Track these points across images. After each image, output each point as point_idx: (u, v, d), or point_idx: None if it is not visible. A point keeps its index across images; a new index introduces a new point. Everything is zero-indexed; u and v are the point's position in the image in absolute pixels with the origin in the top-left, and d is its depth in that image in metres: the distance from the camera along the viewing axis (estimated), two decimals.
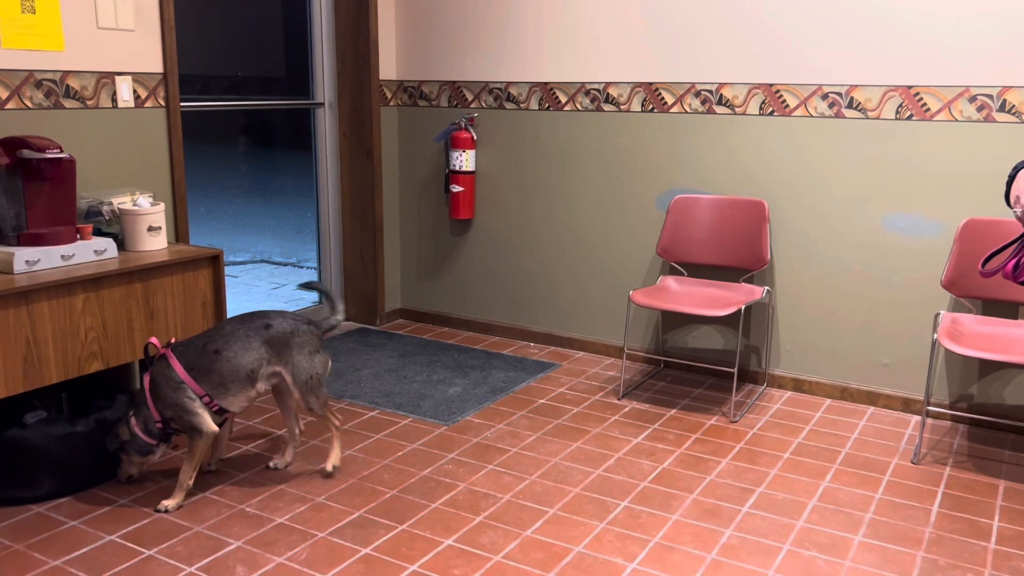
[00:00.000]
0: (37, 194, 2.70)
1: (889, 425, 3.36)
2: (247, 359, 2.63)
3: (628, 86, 3.86)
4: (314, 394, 2.74)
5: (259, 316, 2.71)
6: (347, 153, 4.48)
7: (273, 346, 2.67)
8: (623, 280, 4.04)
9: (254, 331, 2.66)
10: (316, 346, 2.74)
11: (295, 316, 2.76)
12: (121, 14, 3.15)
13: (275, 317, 2.72)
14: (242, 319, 2.70)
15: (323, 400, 2.77)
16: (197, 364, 2.60)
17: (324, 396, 2.77)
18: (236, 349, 2.62)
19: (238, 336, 2.64)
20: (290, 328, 2.70)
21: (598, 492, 2.77)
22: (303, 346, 2.70)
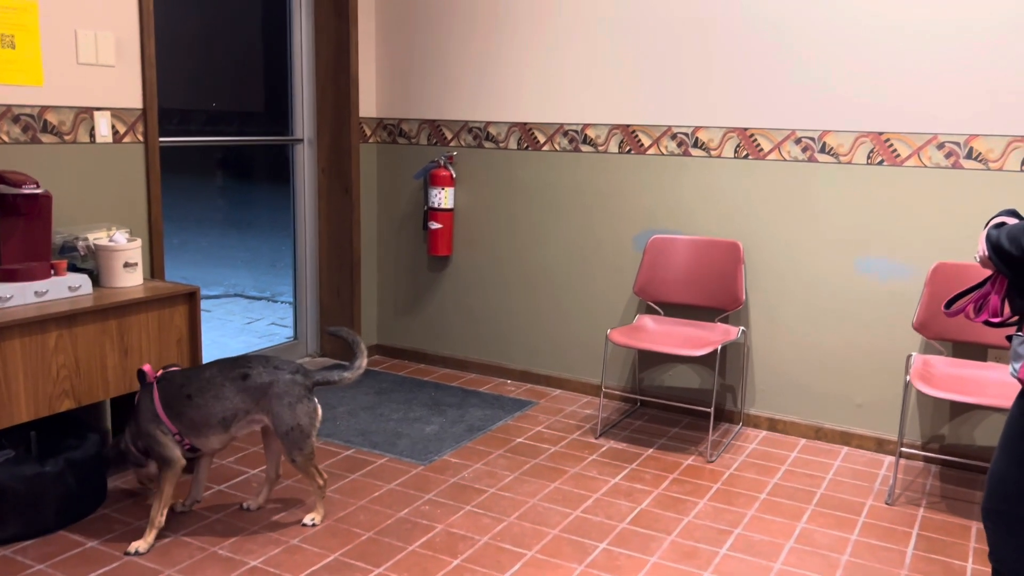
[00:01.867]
0: (11, 229, 2.67)
1: (863, 465, 3.38)
2: (219, 408, 2.60)
3: (606, 128, 3.91)
4: (297, 447, 2.64)
5: (240, 363, 2.65)
6: (326, 189, 4.48)
7: (252, 395, 2.62)
8: (600, 319, 4.06)
9: (230, 380, 2.62)
10: (299, 396, 2.62)
11: (279, 364, 2.66)
12: (102, 50, 3.15)
13: (256, 365, 2.64)
14: (223, 365, 2.65)
15: (307, 454, 2.66)
16: (173, 403, 2.58)
17: (309, 449, 2.66)
18: (208, 397, 2.59)
19: (214, 384, 2.61)
20: (268, 378, 2.62)
21: (576, 534, 2.75)
22: (283, 396, 2.61)
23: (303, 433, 2.63)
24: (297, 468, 2.69)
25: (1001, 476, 1.75)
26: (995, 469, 1.77)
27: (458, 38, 4.21)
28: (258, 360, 2.67)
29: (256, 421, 2.66)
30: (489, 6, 4.11)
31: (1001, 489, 1.75)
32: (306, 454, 2.66)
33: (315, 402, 2.67)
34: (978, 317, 1.82)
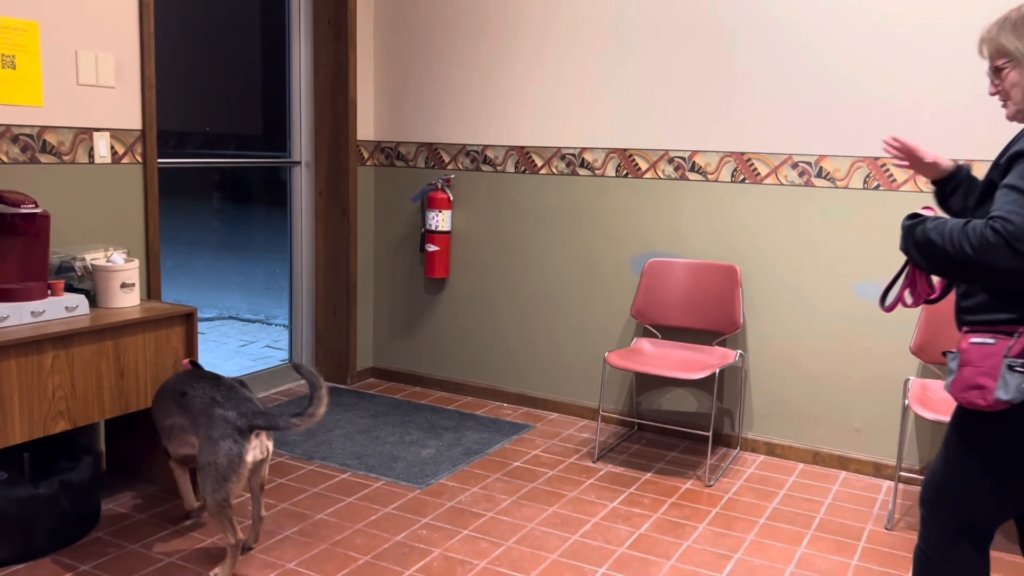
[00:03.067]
0: (9, 249, 2.66)
1: (861, 490, 3.37)
2: (162, 419, 2.67)
3: (603, 151, 3.93)
4: (210, 487, 2.40)
5: (189, 380, 2.60)
6: (323, 211, 4.49)
7: (187, 416, 2.54)
8: (597, 342, 4.06)
9: (171, 396, 2.63)
10: (224, 433, 2.40)
11: (230, 395, 2.49)
12: (102, 71, 3.16)
13: (202, 388, 2.53)
14: (180, 377, 2.67)
15: (219, 499, 2.39)
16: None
17: (222, 495, 2.38)
18: (160, 403, 2.69)
19: (165, 392, 2.68)
20: (200, 406, 2.49)
21: (575, 558, 2.73)
22: (210, 427, 2.43)
23: (219, 474, 2.39)
24: (208, 512, 2.46)
25: (933, 470, 1.89)
26: (932, 465, 1.91)
27: (456, 62, 4.24)
28: (206, 382, 2.56)
29: (190, 443, 2.59)
30: (488, 31, 4.14)
31: (932, 482, 1.88)
32: (218, 500, 2.39)
33: (244, 447, 2.41)
34: (915, 302, 1.87)
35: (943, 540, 1.85)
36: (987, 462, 1.78)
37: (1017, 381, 1.66)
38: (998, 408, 1.69)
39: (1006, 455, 1.75)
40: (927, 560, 1.89)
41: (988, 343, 1.71)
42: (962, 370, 1.73)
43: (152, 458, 3.13)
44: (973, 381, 1.71)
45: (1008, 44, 1.76)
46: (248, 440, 2.44)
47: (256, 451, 2.47)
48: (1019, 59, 1.75)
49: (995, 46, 1.80)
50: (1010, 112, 1.83)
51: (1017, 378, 1.66)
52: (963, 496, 1.82)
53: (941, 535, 1.86)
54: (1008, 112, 1.83)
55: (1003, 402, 1.67)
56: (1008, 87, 1.80)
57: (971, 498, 1.81)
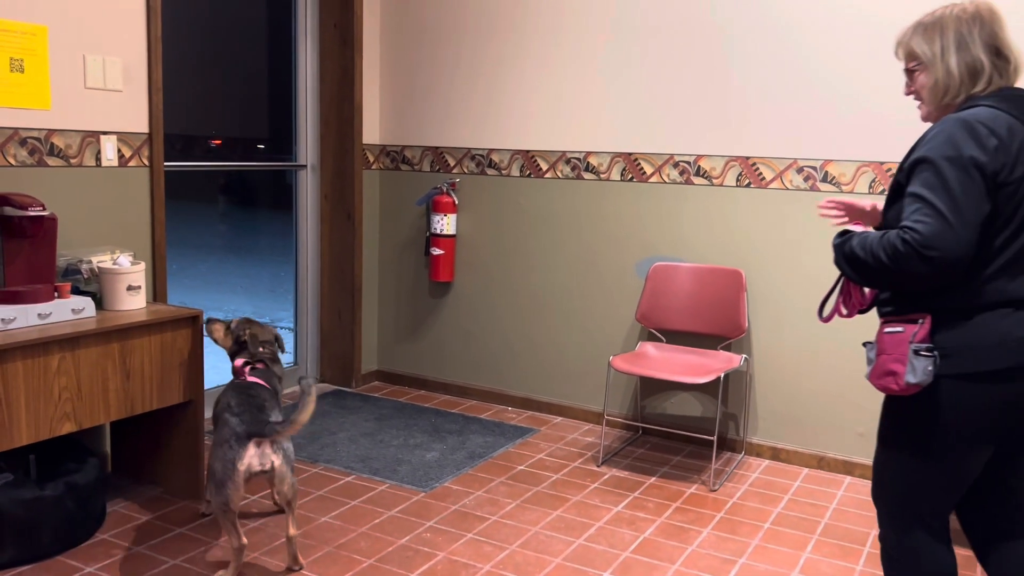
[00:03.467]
0: (16, 251, 2.67)
1: (866, 495, 3.36)
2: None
3: (608, 155, 3.94)
4: (210, 489, 2.43)
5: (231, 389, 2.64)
6: (328, 215, 4.50)
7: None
8: (601, 346, 4.06)
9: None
10: (223, 438, 2.42)
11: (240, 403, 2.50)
12: (109, 75, 3.17)
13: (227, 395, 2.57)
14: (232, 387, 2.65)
15: (217, 504, 2.39)
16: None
17: (220, 500, 2.38)
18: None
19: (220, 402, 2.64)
20: (217, 411, 2.58)
21: (579, 562, 2.73)
22: (216, 433, 2.48)
23: (214, 479, 2.39)
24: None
25: (874, 464, 1.96)
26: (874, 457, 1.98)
27: (462, 66, 4.25)
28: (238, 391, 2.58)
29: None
30: (493, 36, 4.15)
31: (875, 475, 1.95)
32: (217, 504, 2.40)
33: (238, 453, 2.38)
34: (850, 313, 1.98)
35: (898, 532, 1.90)
36: (914, 445, 1.84)
37: (924, 364, 1.75)
38: (911, 392, 1.77)
39: (928, 436, 1.81)
40: (887, 555, 1.94)
41: (898, 331, 1.80)
42: (878, 358, 1.83)
43: (157, 460, 3.14)
44: (887, 368, 1.80)
45: (917, 48, 1.86)
46: (244, 447, 2.39)
47: (254, 459, 2.40)
48: (927, 63, 1.84)
49: (907, 50, 1.89)
50: (923, 113, 1.91)
51: (923, 362, 1.75)
52: (904, 484, 1.87)
53: (894, 527, 1.91)
54: (921, 113, 1.92)
55: (913, 385, 1.76)
56: (919, 88, 1.89)
57: (911, 485, 1.86)
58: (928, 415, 1.80)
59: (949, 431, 1.79)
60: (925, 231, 1.68)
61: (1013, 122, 1.74)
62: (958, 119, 1.75)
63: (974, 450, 1.81)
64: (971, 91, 1.81)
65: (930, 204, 1.69)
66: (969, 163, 1.69)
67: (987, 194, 1.70)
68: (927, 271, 1.69)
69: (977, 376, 1.75)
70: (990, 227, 1.74)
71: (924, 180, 1.72)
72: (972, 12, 1.82)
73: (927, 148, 1.75)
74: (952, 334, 1.77)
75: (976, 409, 1.77)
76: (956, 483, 1.85)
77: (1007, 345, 1.74)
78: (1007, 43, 1.81)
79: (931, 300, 1.78)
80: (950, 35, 1.82)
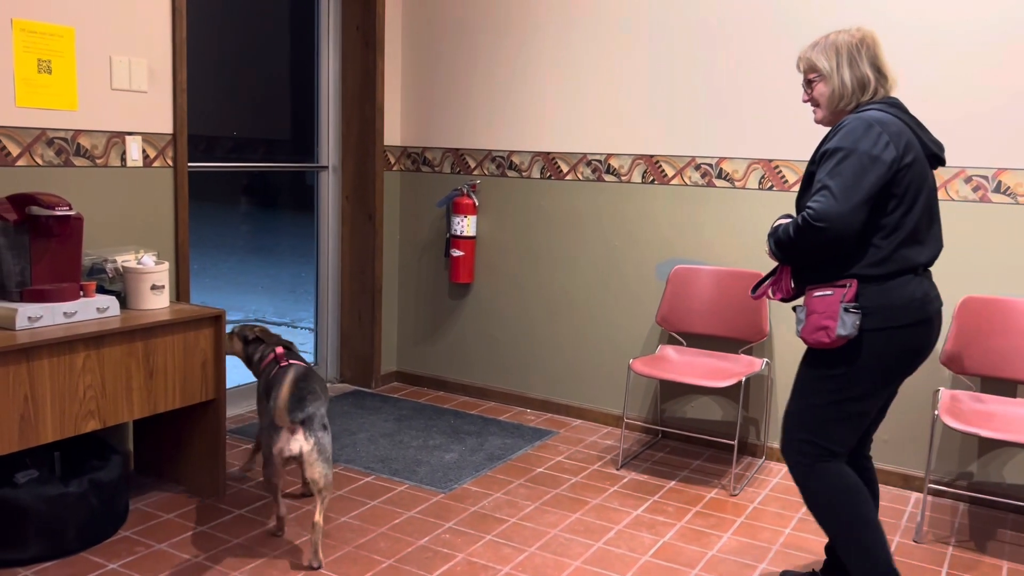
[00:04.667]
0: (43, 250, 2.70)
1: (889, 502, 3.33)
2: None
3: (629, 158, 3.92)
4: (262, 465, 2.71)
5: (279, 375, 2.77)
6: (349, 216, 4.52)
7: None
8: (622, 348, 4.05)
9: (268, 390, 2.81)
10: (264, 423, 2.68)
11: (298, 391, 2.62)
12: (135, 76, 3.21)
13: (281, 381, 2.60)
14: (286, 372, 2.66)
15: (265, 476, 2.69)
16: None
17: (268, 472, 2.66)
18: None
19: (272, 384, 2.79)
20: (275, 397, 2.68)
21: (599, 566, 2.72)
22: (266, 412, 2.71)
23: (264, 456, 2.66)
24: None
25: (789, 406, 2.36)
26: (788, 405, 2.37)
27: (482, 68, 4.26)
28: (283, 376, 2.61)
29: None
30: (514, 37, 4.15)
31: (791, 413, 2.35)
32: (264, 478, 2.71)
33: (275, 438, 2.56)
34: (776, 296, 2.34)
35: (812, 463, 2.29)
36: (839, 389, 2.23)
37: (852, 319, 2.15)
38: (839, 344, 2.18)
39: (851, 379, 2.22)
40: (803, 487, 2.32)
41: (828, 294, 2.19)
42: (810, 318, 2.22)
43: (179, 459, 3.17)
44: (819, 324, 2.19)
45: (818, 62, 2.27)
46: (279, 433, 2.57)
47: (287, 445, 2.56)
48: (825, 75, 2.26)
49: (808, 64, 2.30)
50: (818, 117, 2.34)
51: (851, 317, 2.15)
52: (822, 423, 2.27)
53: (809, 458, 2.29)
54: (816, 117, 2.34)
55: (843, 337, 2.16)
56: (817, 96, 2.30)
57: (828, 424, 2.26)
58: (853, 362, 2.20)
59: (870, 374, 2.21)
60: (818, 207, 2.10)
61: (899, 122, 2.17)
62: (859, 118, 2.16)
63: (885, 388, 2.27)
64: (860, 100, 2.24)
65: (827, 187, 2.11)
66: (864, 155, 2.10)
67: (880, 178, 2.10)
68: (819, 240, 2.12)
69: (890, 329, 2.18)
70: (890, 206, 2.15)
71: (826, 168, 2.14)
72: (859, 37, 2.25)
73: (832, 142, 2.15)
74: (871, 296, 2.17)
75: (890, 355, 2.21)
76: (864, 419, 2.28)
77: (911, 304, 2.19)
78: (885, 62, 2.26)
79: (854, 268, 2.17)
80: (843, 54, 2.24)
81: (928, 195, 2.21)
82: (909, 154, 2.15)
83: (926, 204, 2.21)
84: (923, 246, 2.22)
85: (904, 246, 2.18)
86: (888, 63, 2.26)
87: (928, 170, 2.23)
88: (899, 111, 2.22)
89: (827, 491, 2.28)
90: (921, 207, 2.19)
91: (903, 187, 2.15)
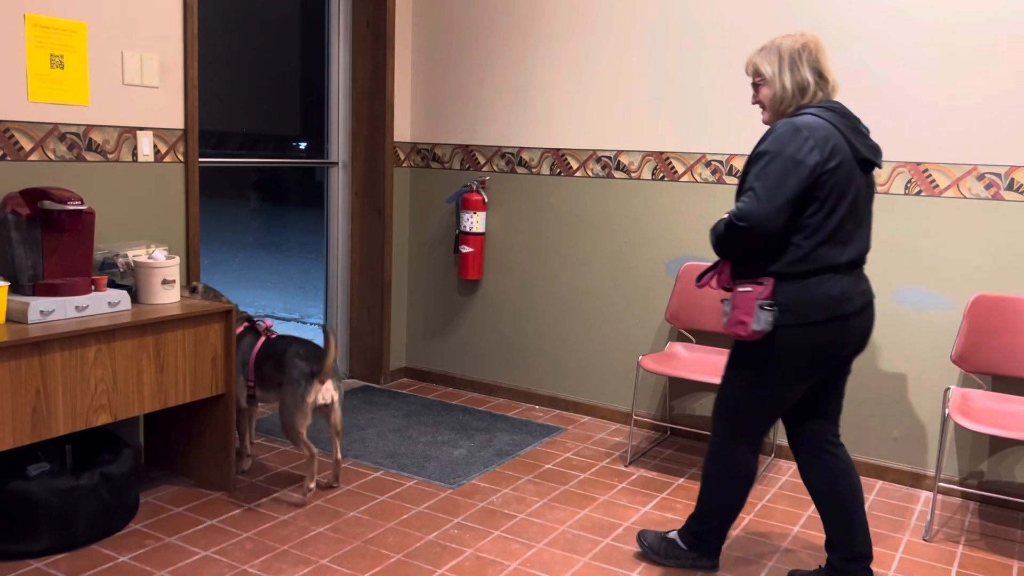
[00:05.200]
0: (55, 245, 2.72)
1: (898, 500, 3.32)
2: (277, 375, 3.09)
3: (639, 154, 3.92)
4: (281, 418, 3.05)
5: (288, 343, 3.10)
6: (359, 211, 4.52)
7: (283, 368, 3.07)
8: (631, 345, 4.04)
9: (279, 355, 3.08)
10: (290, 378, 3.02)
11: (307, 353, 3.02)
12: (146, 71, 3.22)
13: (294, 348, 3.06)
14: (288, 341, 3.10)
15: (288, 428, 3.03)
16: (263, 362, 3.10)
17: (291, 426, 3.01)
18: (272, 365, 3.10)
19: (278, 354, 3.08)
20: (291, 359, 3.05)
21: (607, 562, 2.72)
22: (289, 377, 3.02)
23: (288, 411, 2.98)
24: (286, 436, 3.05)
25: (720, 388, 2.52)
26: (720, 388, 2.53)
27: (492, 64, 4.25)
28: (299, 345, 3.05)
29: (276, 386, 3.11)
30: (523, 33, 4.15)
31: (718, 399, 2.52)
32: (287, 430, 3.00)
33: (308, 388, 2.95)
34: (718, 286, 2.46)
35: (726, 441, 2.49)
36: (754, 379, 2.40)
37: (766, 316, 2.27)
38: (755, 338, 2.30)
39: (765, 372, 2.36)
40: (711, 455, 2.54)
41: (747, 291, 2.31)
42: (732, 311, 2.34)
43: (188, 452, 3.18)
44: (738, 319, 2.31)
45: (761, 66, 2.38)
46: (312, 384, 2.96)
47: (319, 394, 2.98)
48: (768, 79, 2.36)
49: (753, 68, 2.40)
50: (764, 118, 2.43)
51: (766, 314, 2.27)
52: (741, 407, 2.46)
53: (724, 439, 2.49)
54: (763, 118, 2.43)
55: (758, 332, 2.28)
56: (762, 98, 2.40)
57: (746, 408, 2.45)
58: (767, 355, 2.33)
59: (782, 367, 2.34)
60: (742, 207, 2.24)
61: (829, 127, 2.26)
62: (788, 123, 2.26)
63: (798, 382, 2.38)
64: (800, 103, 2.33)
65: (752, 188, 2.23)
66: (788, 159, 2.20)
67: (802, 182, 2.20)
68: (743, 238, 2.25)
69: (803, 325, 2.28)
70: (811, 208, 2.25)
71: (754, 170, 2.26)
72: (801, 42, 2.33)
73: (763, 145, 2.27)
74: (787, 293, 2.28)
75: (805, 350, 2.32)
76: (779, 408, 2.44)
77: (826, 302, 2.27)
78: (827, 67, 2.34)
79: (774, 266, 2.28)
80: (785, 59, 2.33)
81: (854, 197, 2.28)
82: (835, 158, 2.23)
83: (851, 206, 2.28)
84: (845, 246, 2.29)
85: (824, 246, 2.26)
86: (830, 68, 2.35)
87: (856, 173, 2.29)
88: (835, 115, 2.30)
89: (725, 472, 2.51)
90: (845, 209, 2.27)
91: (826, 190, 2.23)
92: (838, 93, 2.38)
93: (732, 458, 2.49)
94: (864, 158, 2.32)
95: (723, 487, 2.53)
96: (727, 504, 2.54)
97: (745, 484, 2.51)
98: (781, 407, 2.44)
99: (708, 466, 2.56)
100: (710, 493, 2.56)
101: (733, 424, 2.48)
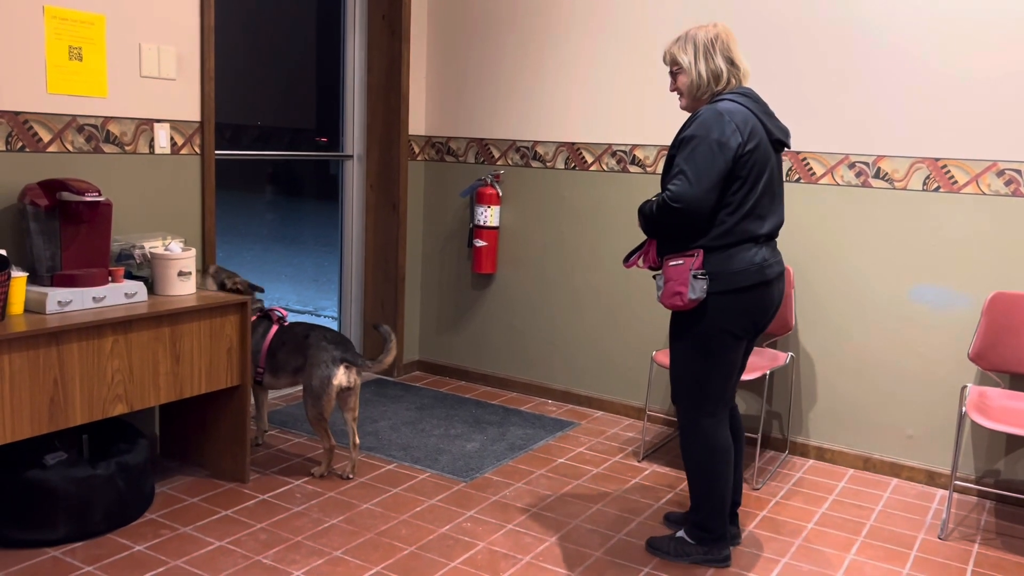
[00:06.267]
0: (73, 236, 2.73)
1: (914, 498, 3.30)
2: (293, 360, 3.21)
3: (655, 148, 3.90)
4: (307, 403, 3.15)
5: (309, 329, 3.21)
6: (373, 205, 4.53)
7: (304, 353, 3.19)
8: (644, 340, 4.03)
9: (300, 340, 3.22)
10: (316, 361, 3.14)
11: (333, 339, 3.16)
12: (164, 63, 3.23)
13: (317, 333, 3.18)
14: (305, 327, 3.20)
15: (313, 414, 3.14)
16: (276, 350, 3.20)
17: (316, 411, 3.12)
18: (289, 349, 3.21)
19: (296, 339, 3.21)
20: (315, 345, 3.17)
21: (620, 557, 2.72)
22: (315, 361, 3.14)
23: (313, 393, 3.08)
24: (309, 421, 3.15)
25: (670, 367, 2.64)
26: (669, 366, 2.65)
27: (507, 58, 4.24)
28: (323, 331, 3.17)
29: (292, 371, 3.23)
30: (539, 27, 4.14)
31: (672, 379, 2.63)
32: (311, 414, 3.10)
33: (334, 372, 3.06)
34: (644, 266, 2.61)
35: (693, 420, 2.59)
36: (697, 346, 2.53)
37: (700, 285, 2.43)
38: (691, 306, 2.46)
39: (705, 337, 2.51)
40: (684, 438, 2.64)
41: (679, 263, 2.47)
42: (666, 284, 2.50)
43: (204, 443, 3.20)
44: (674, 290, 2.46)
45: (677, 56, 2.52)
46: (338, 368, 3.08)
47: (343, 378, 3.09)
48: (684, 68, 2.51)
49: (671, 57, 2.54)
50: (682, 105, 2.60)
51: (700, 283, 2.43)
52: (692, 377, 2.57)
53: (690, 416, 2.60)
54: (681, 105, 2.60)
55: (694, 300, 2.44)
56: (680, 86, 2.55)
57: (697, 375, 2.56)
58: (704, 321, 2.48)
59: (720, 330, 2.49)
60: (675, 190, 2.39)
61: (747, 112, 2.43)
62: (711, 108, 2.42)
63: (738, 342, 2.54)
64: (715, 90, 2.49)
65: (683, 172, 2.38)
66: (714, 142, 2.35)
67: (727, 163, 2.36)
68: (677, 218, 2.41)
69: (733, 291, 2.45)
70: (735, 187, 2.41)
71: (683, 154, 2.40)
72: (714, 33, 2.49)
73: (689, 130, 2.41)
74: (716, 263, 2.44)
75: (735, 313, 2.49)
76: (728, 370, 2.57)
77: (750, 268, 2.46)
78: (738, 56, 2.50)
79: (701, 240, 2.45)
80: (700, 48, 2.48)
81: (770, 175, 2.47)
82: (753, 140, 2.40)
83: (767, 184, 2.47)
84: (764, 220, 2.48)
85: (746, 220, 2.45)
86: (741, 56, 2.50)
87: (771, 153, 2.49)
88: (749, 100, 2.47)
89: (703, 448, 2.60)
90: (763, 186, 2.45)
91: (747, 169, 2.40)
92: (748, 80, 2.54)
93: (704, 432, 2.58)
94: (777, 139, 2.51)
95: (705, 463, 2.61)
96: (715, 479, 2.61)
97: (724, 454, 2.60)
98: (731, 369, 2.58)
99: (685, 448, 2.65)
100: (696, 474, 2.64)
101: (696, 397, 2.58)
